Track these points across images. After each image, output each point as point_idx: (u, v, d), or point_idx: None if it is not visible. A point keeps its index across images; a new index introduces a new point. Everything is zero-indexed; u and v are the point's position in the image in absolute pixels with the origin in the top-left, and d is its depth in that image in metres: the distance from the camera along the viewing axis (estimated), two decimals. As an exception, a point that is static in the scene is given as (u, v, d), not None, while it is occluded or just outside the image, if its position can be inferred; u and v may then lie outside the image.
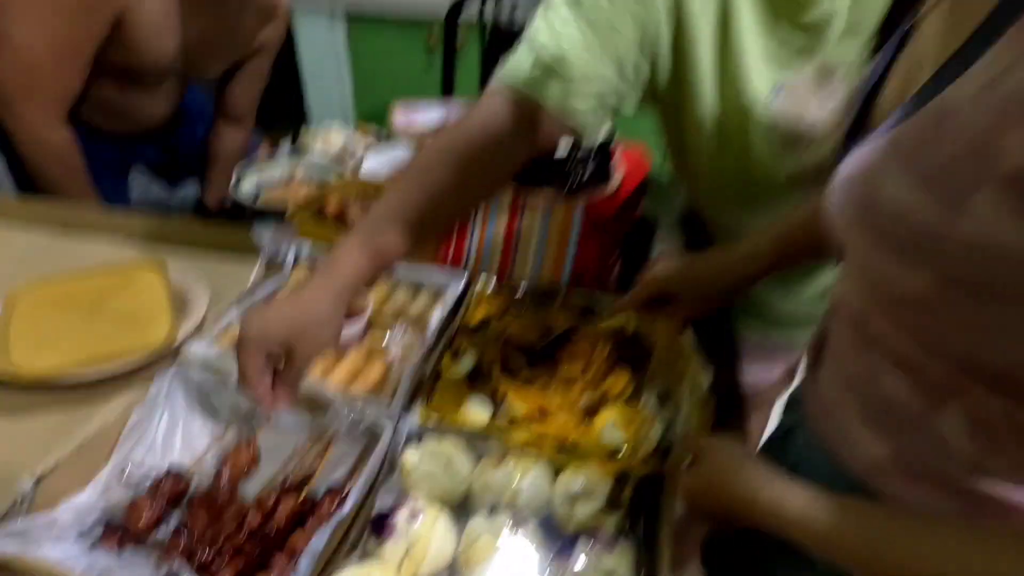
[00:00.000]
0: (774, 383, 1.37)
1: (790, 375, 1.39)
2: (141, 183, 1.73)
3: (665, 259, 0.94)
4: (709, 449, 0.69)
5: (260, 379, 0.73)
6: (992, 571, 0.47)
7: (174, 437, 0.86)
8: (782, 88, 0.86)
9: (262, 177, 1.42)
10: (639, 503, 0.78)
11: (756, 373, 1.32)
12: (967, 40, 0.45)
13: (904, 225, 0.46)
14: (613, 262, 1.23)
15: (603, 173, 1.10)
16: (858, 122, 0.58)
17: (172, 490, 0.78)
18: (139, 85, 1.41)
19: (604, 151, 1.07)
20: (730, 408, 0.96)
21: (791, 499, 0.59)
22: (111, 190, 1.48)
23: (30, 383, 0.90)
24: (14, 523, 0.70)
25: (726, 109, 0.89)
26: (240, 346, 0.72)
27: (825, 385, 0.68)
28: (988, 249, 0.42)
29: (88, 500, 0.77)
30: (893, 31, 0.58)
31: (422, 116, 1.60)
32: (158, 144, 1.61)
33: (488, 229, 1.12)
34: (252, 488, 0.82)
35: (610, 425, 0.83)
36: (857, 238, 0.50)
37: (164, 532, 0.76)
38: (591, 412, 0.85)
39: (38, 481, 0.74)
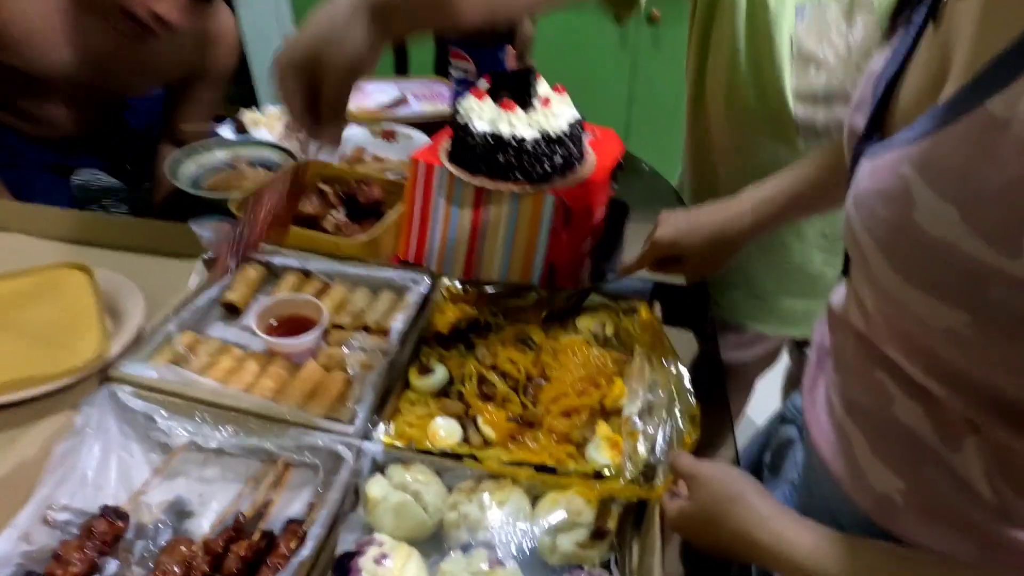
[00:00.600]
0: (754, 361, 1.35)
1: (771, 356, 1.36)
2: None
3: (667, 219, 0.94)
4: (702, 478, 0.63)
5: (300, 109, 0.66)
6: None
7: (107, 471, 0.77)
8: (805, 8, 0.92)
9: (203, 163, 1.30)
10: (627, 530, 0.72)
11: (735, 350, 1.30)
12: (1021, 38, 0.36)
13: (943, 259, 0.39)
14: (586, 251, 1.17)
15: (573, 159, 1.02)
16: (876, 116, 0.51)
17: (106, 533, 0.70)
18: (46, 93, 1.33)
19: (573, 137, 0.99)
20: (712, 387, 0.93)
21: (796, 539, 0.54)
22: (49, 190, 1.37)
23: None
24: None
25: (752, 29, 0.96)
26: (273, 74, 0.66)
27: (828, 407, 0.63)
28: None
29: (3, 548, 0.67)
30: (912, 7, 0.51)
31: (375, 97, 1.50)
32: (99, 153, 1.52)
33: (451, 222, 1.03)
34: (199, 525, 0.74)
35: (595, 444, 0.77)
36: (883, 265, 0.44)
37: (99, 583, 0.68)
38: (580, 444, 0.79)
39: (-54, 531, 0.65)
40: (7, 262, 0.98)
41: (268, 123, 1.39)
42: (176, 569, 0.67)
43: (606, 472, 0.74)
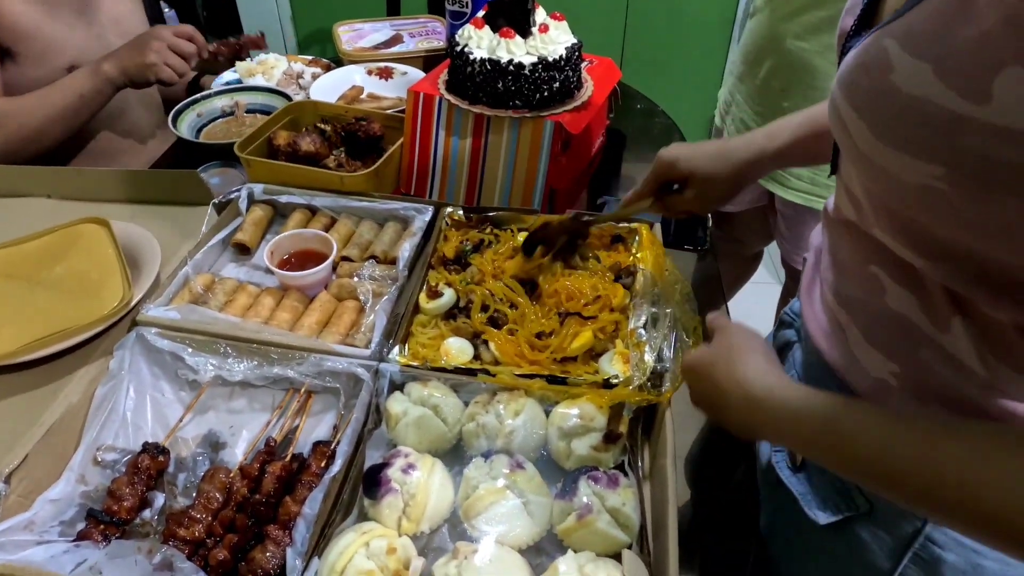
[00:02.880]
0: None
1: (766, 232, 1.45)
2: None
3: (668, 147, 0.85)
4: (726, 329, 0.63)
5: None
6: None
7: (144, 410, 0.81)
8: None
9: (203, 112, 1.31)
10: (637, 435, 0.76)
11: None
12: None
13: (917, 115, 0.42)
14: (586, 177, 1.18)
15: (571, 85, 1.02)
16: (864, 15, 0.52)
17: (151, 468, 0.74)
18: None
19: (571, 62, 0.99)
20: (712, 302, 0.97)
21: (792, 390, 0.54)
22: None
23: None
24: (-8, 530, 0.65)
25: None
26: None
27: (823, 303, 0.65)
28: (1009, 134, 0.38)
29: (64, 490, 0.72)
30: None
31: (370, 37, 1.48)
32: None
33: (452, 151, 1.05)
34: (232, 455, 0.78)
35: (609, 356, 0.80)
36: (863, 131, 0.46)
37: (149, 514, 0.72)
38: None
39: (8, 478, 0.69)
40: (32, 224, 1.01)
41: (264, 70, 1.39)
42: (218, 495, 0.72)
43: (615, 381, 0.77)
